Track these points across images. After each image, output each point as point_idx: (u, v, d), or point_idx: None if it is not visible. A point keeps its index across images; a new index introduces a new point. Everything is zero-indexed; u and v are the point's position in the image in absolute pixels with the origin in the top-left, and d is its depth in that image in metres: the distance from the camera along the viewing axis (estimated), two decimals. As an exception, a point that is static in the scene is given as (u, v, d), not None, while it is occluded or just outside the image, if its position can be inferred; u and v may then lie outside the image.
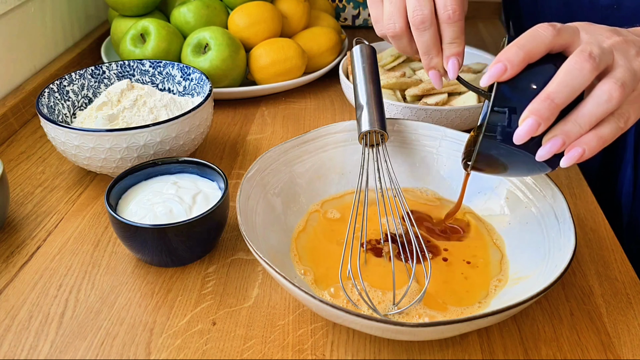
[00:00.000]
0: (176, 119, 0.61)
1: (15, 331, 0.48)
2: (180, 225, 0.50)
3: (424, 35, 0.51)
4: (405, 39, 0.54)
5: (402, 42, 0.54)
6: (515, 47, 0.43)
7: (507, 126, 0.44)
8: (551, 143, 0.42)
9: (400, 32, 0.53)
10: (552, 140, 0.42)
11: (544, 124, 0.42)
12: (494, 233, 0.56)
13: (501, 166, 0.47)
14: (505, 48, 0.43)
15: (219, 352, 0.46)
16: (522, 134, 0.42)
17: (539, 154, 0.43)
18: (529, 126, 0.42)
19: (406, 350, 0.46)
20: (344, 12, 1.12)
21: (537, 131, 0.42)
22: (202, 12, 0.84)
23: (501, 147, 0.45)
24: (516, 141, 0.43)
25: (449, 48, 0.52)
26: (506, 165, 0.47)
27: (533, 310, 0.50)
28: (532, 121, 0.42)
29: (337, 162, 0.61)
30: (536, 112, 0.42)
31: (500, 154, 0.46)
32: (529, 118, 0.42)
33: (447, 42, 0.51)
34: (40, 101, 0.64)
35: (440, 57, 0.52)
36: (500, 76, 0.43)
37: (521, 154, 0.45)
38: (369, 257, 0.52)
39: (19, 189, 0.65)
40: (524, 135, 0.42)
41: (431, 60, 0.53)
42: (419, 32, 0.51)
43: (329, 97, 0.86)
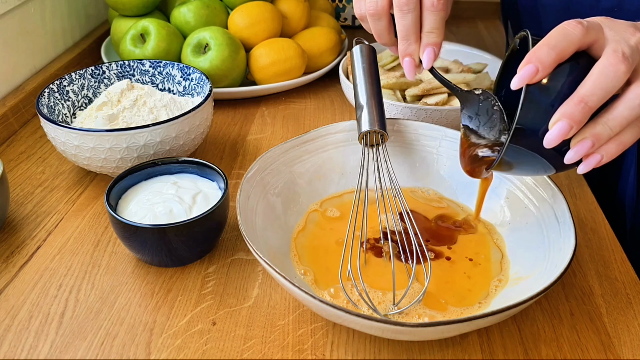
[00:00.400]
0: (176, 119, 0.61)
1: (15, 331, 0.48)
2: (180, 225, 0.50)
3: (406, 17, 0.50)
4: (384, 21, 0.53)
5: (380, 24, 0.53)
6: (546, 47, 0.41)
7: (536, 129, 0.42)
8: (581, 145, 0.41)
9: (382, 10, 0.52)
10: (582, 143, 0.41)
11: (575, 127, 0.41)
12: (494, 232, 0.56)
13: (516, 168, 0.47)
14: (535, 48, 0.42)
15: (219, 352, 0.46)
16: (553, 138, 0.41)
17: (567, 156, 0.42)
18: (560, 130, 0.41)
19: (406, 350, 0.46)
20: (344, 12, 1.12)
21: (568, 134, 0.41)
22: (202, 12, 0.84)
23: (527, 151, 0.44)
24: (546, 145, 0.42)
25: (427, 37, 0.51)
26: (521, 167, 0.46)
27: (533, 310, 0.50)
28: (565, 125, 0.40)
29: (337, 162, 0.61)
30: (568, 115, 0.40)
31: (522, 157, 0.45)
32: (561, 121, 0.41)
33: (427, 30, 0.50)
34: (40, 101, 0.64)
35: (417, 44, 0.51)
36: (531, 78, 0.42)
37: (542, 157, 0.44)
38: (369, 257, 0.52)
39: (19, 189, 0.65)
40: (555, 139, 0.41)
41: (408, 46, 0.52)
42: (401, 14, 0.50)
43: (329, 97, 0.86)
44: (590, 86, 0.41)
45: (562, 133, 0.41)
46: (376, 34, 0.55)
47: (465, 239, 0.55)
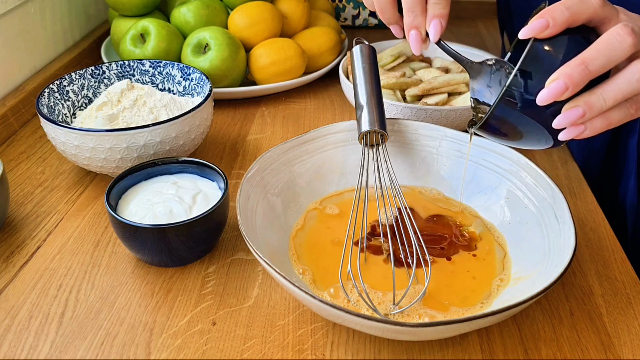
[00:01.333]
0: (176, 119, 0.61)
1: (15, 331, 0.48)
2: (180, 225, 0.50)
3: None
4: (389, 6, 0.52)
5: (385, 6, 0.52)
6: (561, 7, 0.41)
7: (532, 87, 0.42)
8: (572, 112, 0.41)
9: None
10: (573, 110, 0.41)
11: (572, 89, 0.40)
12: (495, 231, 0.56)
13: (507, 132, 0.46)
14: (551, 6, 0.42)
15: (219, 352, 0.46)
16: (548, 95, 0.41)
17: (556, 121, 0.42)
18: (556, 88, 0.40)
19: (406, 350, 0.46)
20: (344, 12, 1.12)
21: (563, 95, 0.40)
22: (202, 12, 0.84)
23: (518, 109, 0.43)
24: (539, 101, 0.41)
25: (433, 8, 0.50)
26: (513, 131, 0.46)
27: (533, 310, 0.50)
28: (561, 83, 0.40)
29: (337, 162, 0.61)
30: (567, 75, 0.40)
31: (512, 115, 0.44)
32: (558, 80, 0.40)
33: (433, 1, 0.50)
34: (40, 101, 0.64)
35: (423, 16, 0.50)
36: (541, 32, 0.41)
37: (531, 118, 0.43)
38: (368, 257, 0.52)
39: (19, 189, 0.65)
40: (549, 96, 0.41)
41: (414, 19, 0.50)
42: None
43: (329, 97, 0.86)
44: (594, 51, 0.40)
45: (558, 91, 0.40)
46: (379, 10, 0.54)
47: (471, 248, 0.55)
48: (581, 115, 0.41)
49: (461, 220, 0.57)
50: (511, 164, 0.57)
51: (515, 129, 0.46)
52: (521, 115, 0.44)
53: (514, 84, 0.43)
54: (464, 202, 0.59)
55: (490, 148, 0.58)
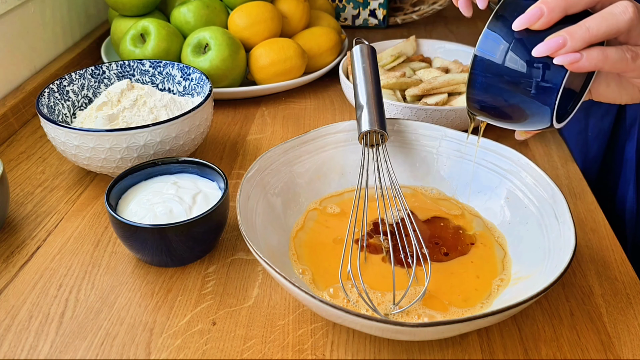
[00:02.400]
0: (176, 119, 0.61)
1: (15, 331, 0.48)
2: (180, 225, 0.50)
3: None
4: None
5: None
6: None
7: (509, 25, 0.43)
8: (552, 39, 0.41)
9: None
10: (554, 37, 0.41)
11: (547, 15, 0.41)
12: (495, 231, 0.56)
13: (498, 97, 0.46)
14: None
15: (219, 352, 0.46)
16: (522, 20, 0.41)
17: (536, 48, 0.42)
18: (531, 13, 0.41)
19: (406, 350, 0.46)
20: (344, 12, 1.12)
21: (539, 21, 0.41)
22: (202, 12, 0.84)
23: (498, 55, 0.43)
24: (514, 27, 0.42)
25: None
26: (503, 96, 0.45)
27: (533, 310, 0.50)
28: (536, 9, 0.41)
29: (337, 162, 0.61)
30: (543, 2, 0.41)
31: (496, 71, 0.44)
32: (534, 8, 0.41)
33: None
34: (40, 101, 0.64)
35: None
36: None
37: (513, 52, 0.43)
38: (368, 256, 0.52)
39: (19, 189, 0.65)
40: (523, 21, 0.41)
41: None
42: None
43: (329, 97, 0.86)
44: None
45: (533, 16, 0.41)
46: None
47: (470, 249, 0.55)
48: (562, 43, 0.41)
49: (461, 221, 0.57)
50: (511, 164, 0.57)
51: (503, 93, 0.45)
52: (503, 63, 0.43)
53: (492, 27, 0.44)
54: (464, 202, 0.59)
55: (490, 148, 0.58)
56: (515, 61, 0.44)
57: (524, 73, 0.43)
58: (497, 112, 0.48)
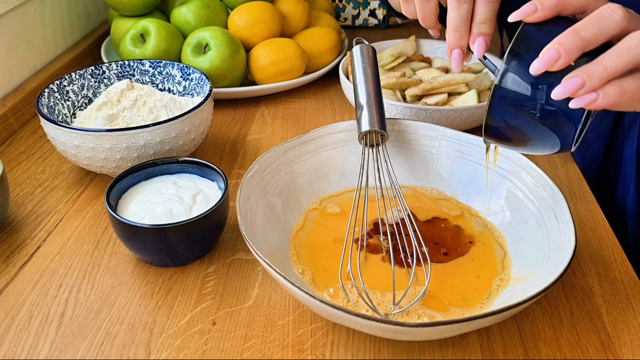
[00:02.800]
0: (176, 119, 0.61)
1: (15, 331, 0.48)
2: (180, 225, 0.50)
3: (461, 8, 0.49)
4: (432, 3, 0.52)
5: (428, 6, 0.52)
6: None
7: (526, 65, 0.42)
8: (571, 81, 0.40)
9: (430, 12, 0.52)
10: (572, 79, 0.40)
11: (564, 56, 0.40)
12: (495, 231, 0.56)
13: (514, 130, 0.45)
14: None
15: (219, 352, 0.46)
16: (540, 64, 0.40)
17: (555, 91, 0.41)
18: (548, 55, 0.40)
19: (406, 350, 0.46)
20: (344, 12, 1.12)
21: (556, 64, 0.40)
22: (202, 12, 0.84)
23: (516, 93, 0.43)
24: (532, 71, 0.41)
25: (479, 27, 0.50)
26: (520, 128, 0.45)
27: (533, 310, 0.50)
28: (553, 51, 0.40)
29: (337, 162, 0.61)
30: (558, 43, 0.40)
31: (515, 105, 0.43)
32: (551, 49, 0.40)
33: (480, 21, 0.49)
34: (40, 101, 0.64)
35: (467, 36, 0.50)
36: (529, 15, 0.42)
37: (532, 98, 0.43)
38: (368, 256, 0.52)
39: (19, 189, 0.65)
40: (541, 65, 0.40)
41: (461, 39, 0.50)
42: (457, 4, 0.49)
43: (329, 97, 0.86)
44: (586, 21, 0.41)
45: (550, 59, 0.40)
46: (422, 18, 0.53)
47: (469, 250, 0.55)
48: (580, 84, 0.40)
49: (461, 221, 0.57)
50: (511, 164, 0.57)
51: (521, 125, 0.45)
52: (520, 101, 0.43)
53: (508, 66, 0.43)
54: (464, 202, 0.59)
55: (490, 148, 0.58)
56: (533, 98, 0.43)
57: (543, 111, 0.43)
58: (514, 142, 0.47)
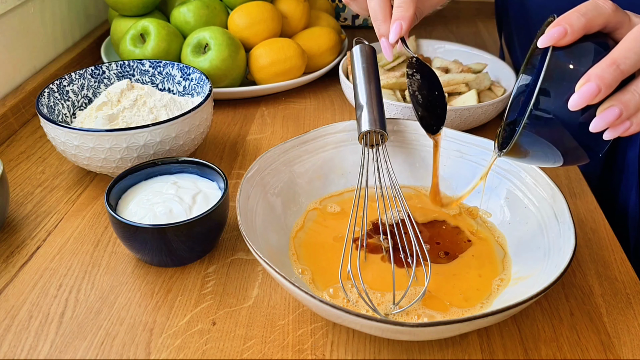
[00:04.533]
0: (176, 119, 0.61)
1: (15, 331, 0.48)
2: (180, 225, 0.50)
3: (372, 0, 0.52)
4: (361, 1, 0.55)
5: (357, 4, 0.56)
6: (576, 13, 0.41)
7: (561, 95, 0.40)
8: (609, 112, 0.39)
9: None
10: (610, 109, 0.39)
11: (604, 90, 0.39)
12: (495, 231, 0.56)
13: (539, 151, 0.44)
14: (565, 14, 0.41)
15: (219, 352, 0.46)
16: (580, 99, 0.39)
17: (593, 124, 0.40)
18: (588, 91, 0.39)
19: (406, 350, 0.46)
20: (344, 12, 1.12)
21: (596, 98, 0.39)
22: (202, 12, 0.84)
23: (549, 123, 0.41)
24: (571, 106, 0.39)
25: (395, 12, 0.52)
26: (545, 149, 0.44)
27: (533, 310, 0.50)
28: (593, 85, 0.38)
29: (337, 162, 0.61)
30: (598, 77, 0.39)
31: (544, 133, 0.42)
32: (590, 82, 0.39)
33: (395, 5, 0.52)
34: (40, 101, 0.64)
35: (387, 23, 0.52)
36: (560, 39, 0.40)
37: (564, 127, 0.41)
38: (368, 257, 0.52)
39: (18, 189, 0.65)
40: (581, 100, 0.39)
41: (380, 26, 0.53)
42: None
43: (329, 97, 0.86)
44: (624, 49, 0.39)
45: (590, 94, 0.39)
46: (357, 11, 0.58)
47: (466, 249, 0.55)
48: (618, 114, 0.39)
49: (461, 221, 0.57)
50: (511, 164, 0.57)
51: (547, 147, 0.43)
52: (553, 129, 0.41)
53: (541, 94, 0.41)
54: (464, 203, 0.59)
55: (490, 148, 0.58)
56: (566, 127, 0.42)
57: (574, 142, 0.42)
58: (533, 160, 0.47)
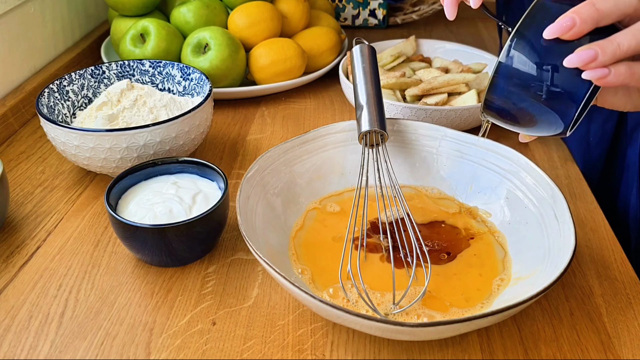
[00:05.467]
0: (176, 119, 0.61)
1: (15, 331, 0.48)
2: (180, 225, 0.50)
3: None
4: None
5: None
6: None
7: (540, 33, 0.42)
8: (584, 52, 0.41)
9: None
10: (586, 50, 0.41)
11: (579, 25, 0.40)
12: (495, 231, 0.56)
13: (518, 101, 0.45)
14: None
15: (219, 352, 0.46)
16: (554, 28, 0.41)
17: (567, 58, 0.41)
18: (563, 22, 0.40)
19: (406, 350, 0.46)
20: (344, 12, 1.12)
21: (571, 31, 0.40)
22: (202, 12, 0.84)
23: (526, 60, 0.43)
24: (546, 35, 0.41)
25: None
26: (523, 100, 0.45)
27: (533, 310, 0.50)
28: (568, 18, 0.40)
29: (337, 162, 0.61)
30: (574, 11, 0.41)
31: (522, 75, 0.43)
32: (566, 16, 0.41)
33: None
34: (40, 101, 0.64)
35: None
36: None
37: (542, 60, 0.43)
38: (368, 257, 0.52)
39: (19, 189, 0.65)
40: (555, 29, 0.41)
41: None
42: None
43: (329, 97, 0.86)
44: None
45: (565, 25, 0.41)
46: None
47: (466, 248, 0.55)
48: (593, 55, 0.41)
49: (461, 221, 0.57)
50: (511, 164, 0.57)
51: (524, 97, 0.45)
52: (531, 68, 0.43)
53: (521, 32, 0.43)
54: (464, 202, 0.59)
55: (490, 148, 0.58)
56: (541, 71, 0.43)
57: (548, 83, 0.43)
58: (513, 118, 0.47)
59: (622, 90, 0.47)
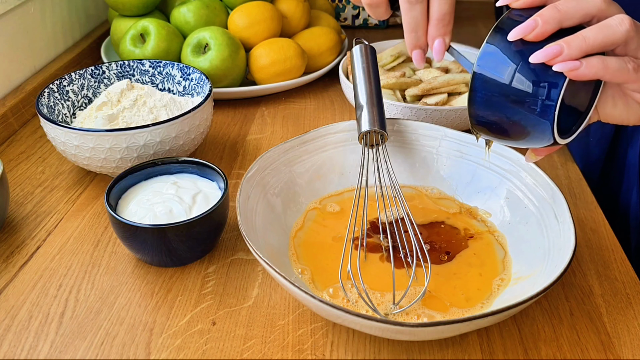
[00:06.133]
0: (176, 119, 0.61)
1: (15, 331, 0.48)
2: (180, 225, 0.50)
3: (414, 9, 0.48)
4: (382, 9, 0.51)
5: (378, 12, 0.52)
6: None
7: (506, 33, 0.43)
8: (549, 47, 0.41)
9: (380, 1, 0.51)
10: (551, 46, 0.41)
11: (542, 26, 0.41)
12: (495, 231, 0.56)
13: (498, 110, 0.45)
14: None
15: (219, 352, 0.46)
16: (518, 31, 0.42)
17: (533, 55, 0.42)
18: (526, 23, 0.41)
19: (406, 350, 0.46)
20: (344, 12, 1.12)
21: (533, 32, 0.41)
22: (202, 12, 0.84)
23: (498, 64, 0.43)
24: (510, 37, 0.42)
25: (436, 28, 0.48)
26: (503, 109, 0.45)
27: (533, 310, 0.50)
28: (531, 20, 0.41)
29: (337, 162, 0.61)
30: (537, 14, 0.41)
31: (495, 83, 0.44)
32: (529, 20, 0.42)
33: (435, 19, 0.48)
34: (40, 101, 0.64)
35: (426, 36, 0.49)
36: None
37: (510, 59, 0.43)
38: (368, 257, 0.52)
39: (19, 189, 0.65)
40: (519, 31, 0.42)
41: (417, 40, 0.49)
42: (410, 5, 0.48)
43: (329, 97, 0.86)
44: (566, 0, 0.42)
45: (528, 27, 0.41)
46: (374, 16, 0.53)
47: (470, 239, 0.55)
48: (558, 50, 0.41)
49: (461, 221, 0.57)
50: (511, 164, 0.57)
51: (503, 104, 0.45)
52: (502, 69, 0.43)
53: (491, 39, 0.44)
54: (464, 202, 0.59)
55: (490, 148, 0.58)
56: (512, 74, 0.43)
57: (522, 86, 0.43)
58: (499, 129, 0.47)
59: (621, 100, 0.47)
